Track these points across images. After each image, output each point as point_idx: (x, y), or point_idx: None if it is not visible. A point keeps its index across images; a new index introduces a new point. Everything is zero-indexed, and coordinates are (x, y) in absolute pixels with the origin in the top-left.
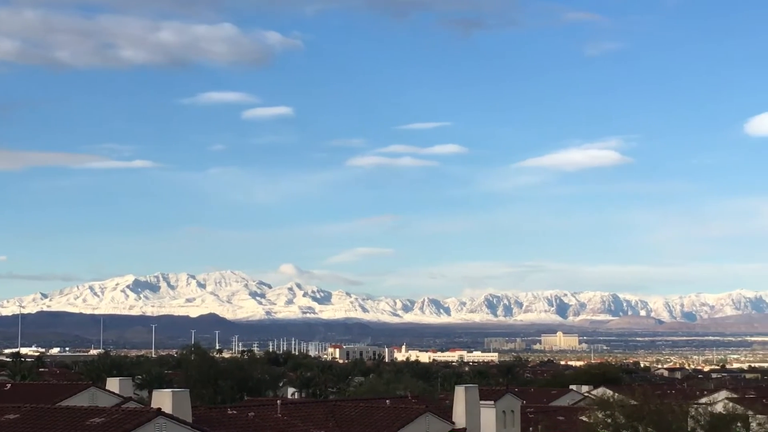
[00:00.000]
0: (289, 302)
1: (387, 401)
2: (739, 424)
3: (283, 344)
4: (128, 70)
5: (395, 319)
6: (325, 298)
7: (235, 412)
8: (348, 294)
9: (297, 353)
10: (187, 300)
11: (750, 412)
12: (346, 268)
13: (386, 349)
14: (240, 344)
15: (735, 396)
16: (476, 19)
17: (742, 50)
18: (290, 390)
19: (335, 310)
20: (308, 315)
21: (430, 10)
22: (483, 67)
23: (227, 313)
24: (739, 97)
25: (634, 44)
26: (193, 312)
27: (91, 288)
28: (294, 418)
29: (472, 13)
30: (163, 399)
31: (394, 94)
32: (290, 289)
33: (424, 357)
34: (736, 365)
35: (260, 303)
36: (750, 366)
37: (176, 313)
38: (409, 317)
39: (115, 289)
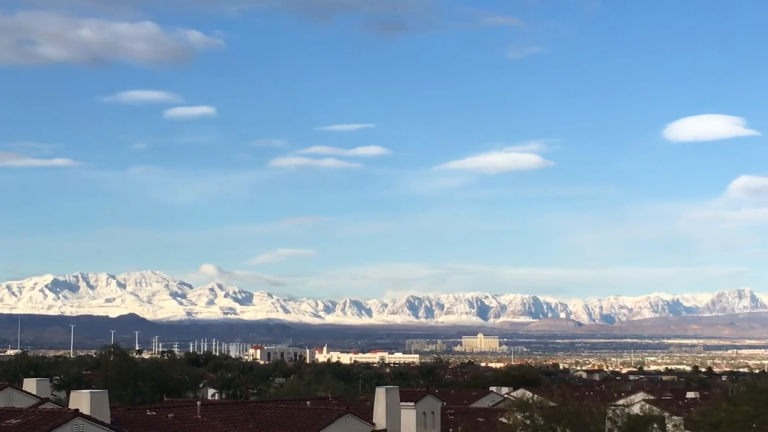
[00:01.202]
0: (210, 303)
1: (308, 402)
2: (655, 426)
3: (203, 345)
4: (48, 68)
5: (317, 321)
6: (246, 299)
7: (154, 413)
8: (269, 295)
9: (218, 354)
10: (106, 300)
11: (666, 414)
12: (267, 269)
13: (307, 351)
14: (160, 345)
15: (652, 398)
16: (398, 22)
17: (661, 57)
18: (210, 391)
19: (256, 311)
20: (229, 316)
21: (352, 12)
22: (405, 69)
23: (147, 313)
24: (658, 103)
25: (556, 49)
26: (113, 312)
27: (8, 287)
28: (214, 420)
29: (394, 17)
30: (81, 400)
31: (317, 96)
32: (211, 289)
33: (346, 358)
34: (653, 367)
35: (181, 303)
36: (667, 368)
37: (96, 313)
38: (330, 318)
39: (34, 288)
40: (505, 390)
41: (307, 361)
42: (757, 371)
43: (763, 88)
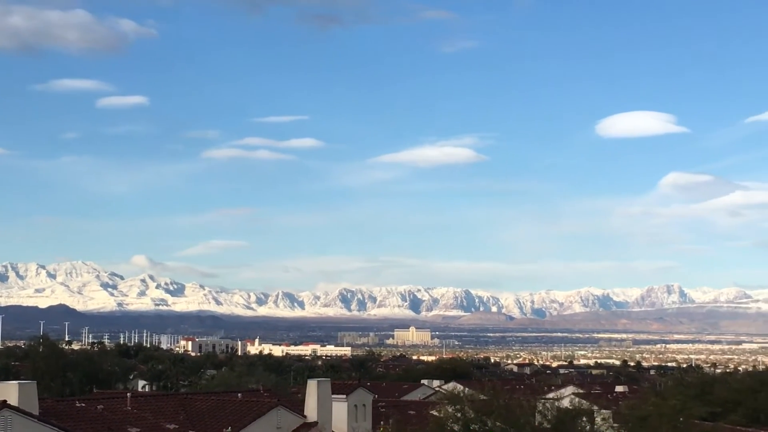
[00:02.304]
0: (142, 294)
1: (239, 395)
2: (584, 419)
3: (134, 336)
4: None
5: (249, 313)
6: (178, 291)
7: (83, 404)
8: (201, 286)
9: (148, 346)
10: (36, 290)
11: (595, 407)
12: (199, 260)
13: (239, 343)
14: (90, 336)
15: (581, 391)
16: (333, 14)
17: (594, 53)
18: (141, 383)
19: (188, 303)
20: (161, 307)
21: (287, 4)
22: (340, 62)
23: (78, 304)
24: (590, 99)
25: (490, 43)
26: (43, 303)
27: None
28: (144, 411)
29: (329, 9)
30: (8, 391)
31: (251, 87)
32: (143, 280)
33: (278, 351)
34: (583, 361)
35: (112, 294)
36: (596, 362)
37: (25, 304)
38: (262, 311)
39: None
40: (436, 383)
41: (239, 354)
42: (684, 366)
43: (694, 85)
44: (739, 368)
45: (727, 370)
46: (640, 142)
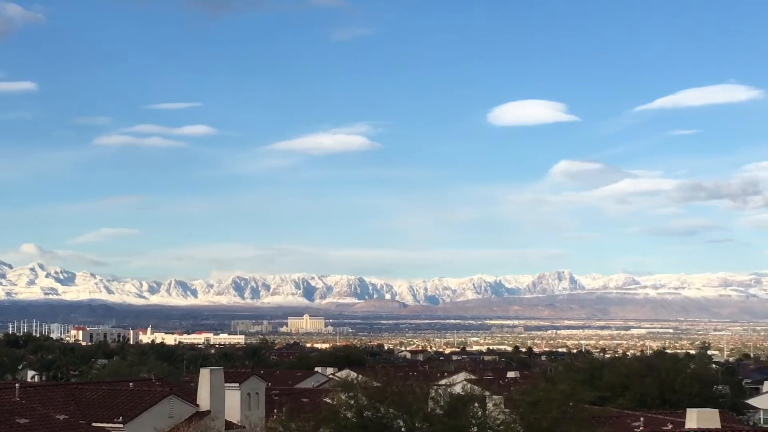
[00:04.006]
0: (31, 283)
1: (130, 384)
2: (476, 405)
3: (23, 326)
4: None
5: (141, 301)
6: (68, 279)
7: None
8: (92, 275)
9: (38, 335)
10: None
11: (487, 393)
12: (90, 248)
13: (131, 332)
14: None
15: (474, 377)
16: (224, 1)
17: (486, 41)
18: (30, 373)
19: (79, 292)
20: (51, 296)
21: None
22: (232, 49)
23: None
24: (482, 87)
25: (382, 31)
26: None
27: None
28: (33, 402)
29: None
30: None
31: (143, 73)
32: (32, 269)
33: (170, 339)
34: (475, 348)
35: (0, 284)
36: (489, 348)
37: None
38: (155, 299)
39: None
40: (330, 370)
41: (131, 343)
42: (574, 351)
43: (584, 75)
44: (628, 353)
45: (616, 355)
46: (531, 131)
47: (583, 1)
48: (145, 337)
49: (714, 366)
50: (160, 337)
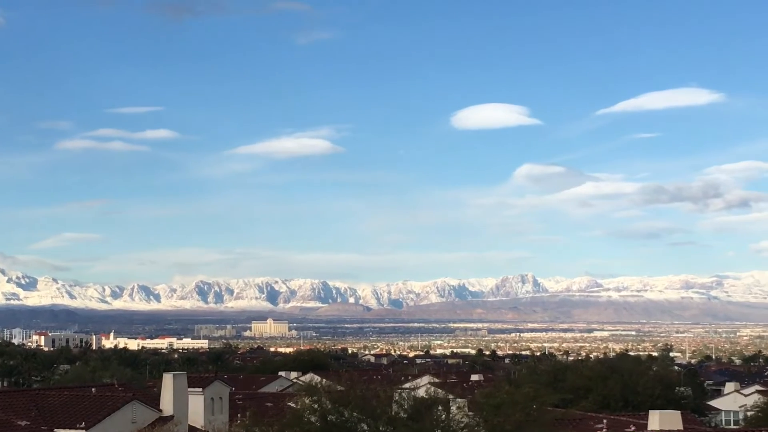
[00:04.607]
0: None
1: (93, 389)
2: (440, 408)
3: None
4: None
5: (104, 306)
6: (30, 284)
7: None
8: (55, 280)
9: (0, 341)
10: None
11: (451, 396)
12: (52, 253)
13: (94, 337)
14: None
15: (437, 380)
16: (186, 4)
17: (448, 45)
18: None
19: (41, 297)
20: (12, 301)
21: None
22: (195, 53)
23: None
24: (446, 91)
25: (345, 35)
26: None
27: None
28: None
29: None
30: None
31: (104, 77)
32: None
33: (133, 344)
34: (439, 351)
35: None
36: (452, 351)
37: None
38: (118, 304)
39: None
40: (293, 374)
41: (94, 348)
42: (538, 354)
43: (547, 78)
44: (590, 356)
45: (579, 358)
46: (494, 134)
47: (546, 6)
48: (108, 343)
49: (676, 368)
50: (123, 342)
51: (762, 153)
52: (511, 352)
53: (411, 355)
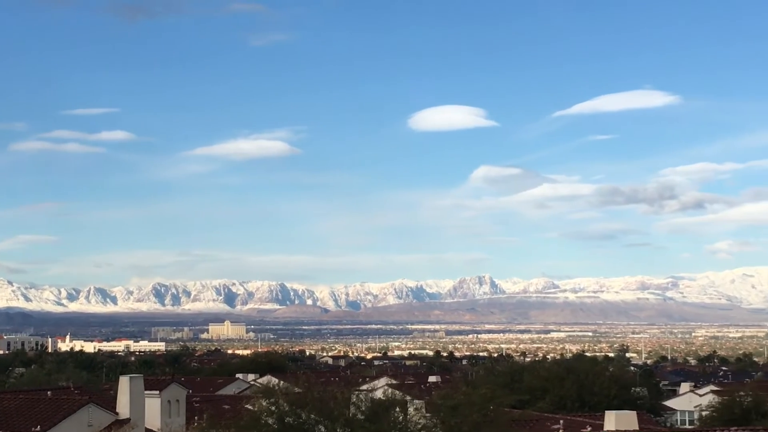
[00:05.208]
0: None
1: (48, 393)
2: (397, 409)
3: None
4: None
5: (60, 309)
6: None
7: None
8: (9, 282)
9: None
10: None
11: (408, 398)
12: (6, 255)
13: (50, 339)
14: None
15: (395, 382)
16: (141, 5)
17: (405, 46)
18: None
19: None
20: None
21: None
22: (150, 54)
23: None
24: (403, 93)
25: (300, 36)
26: None
27: None
28: None
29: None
30: None
31: (59, 79)
32: None
33: (90, 347)
34: (397, 352)
35: None
36: (410, 353)
37: None
38: (74, 306)
39: None
40: (251, 377)
41: (49, 351)
42: (495, 355)
43: (503, 80)
44: (547, 357)
45: (536, 359)
46: (451, 136)
47: (502, 7)
48: (64, 345)
49: (632, 368)
50: (79, 345)
51: (717, 155)
52: (468, 353)
53: (369, 356)
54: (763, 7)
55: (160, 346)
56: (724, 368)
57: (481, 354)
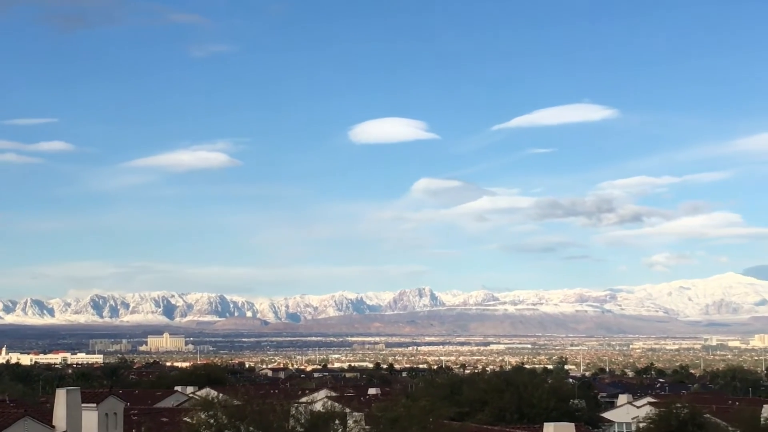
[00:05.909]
0: None
1: None
2: (337, 422)
3: None
4: None
5: None
6: None
7: None
8: None
9: None
10: None
11: (348, 410)
12: None
13: None
14: None
15: (335, 394)
16: (78, 15)
17: (346, 59)
18: None
19: None
20: None
21: (31, 3)
22: (88, 64)
23: None
24: (343, 105)
25: (241, 48)
26: None
27: None
28: None
29: (75, 9)
30: None
31: None
32: None
33: (26, 359)
34: (337, 365)
35: None
36: (350, 365)
37: None
38: (10, 318)
39: None
40: (190, 389)
41: None
42: (435, 367)
43: (443, 94)
44: (487, 369)
45: (475, 371)
46: (392, 148)
47: (442, 20)
48: (0, 358)
49: (570, 380)
50: (15, 358)
51: (654, 168)
52: (408, 365)
53: (308, 369)
54: (699, 25)
55: (97, 359)
56: (661, 380)
57: (420, 366)
